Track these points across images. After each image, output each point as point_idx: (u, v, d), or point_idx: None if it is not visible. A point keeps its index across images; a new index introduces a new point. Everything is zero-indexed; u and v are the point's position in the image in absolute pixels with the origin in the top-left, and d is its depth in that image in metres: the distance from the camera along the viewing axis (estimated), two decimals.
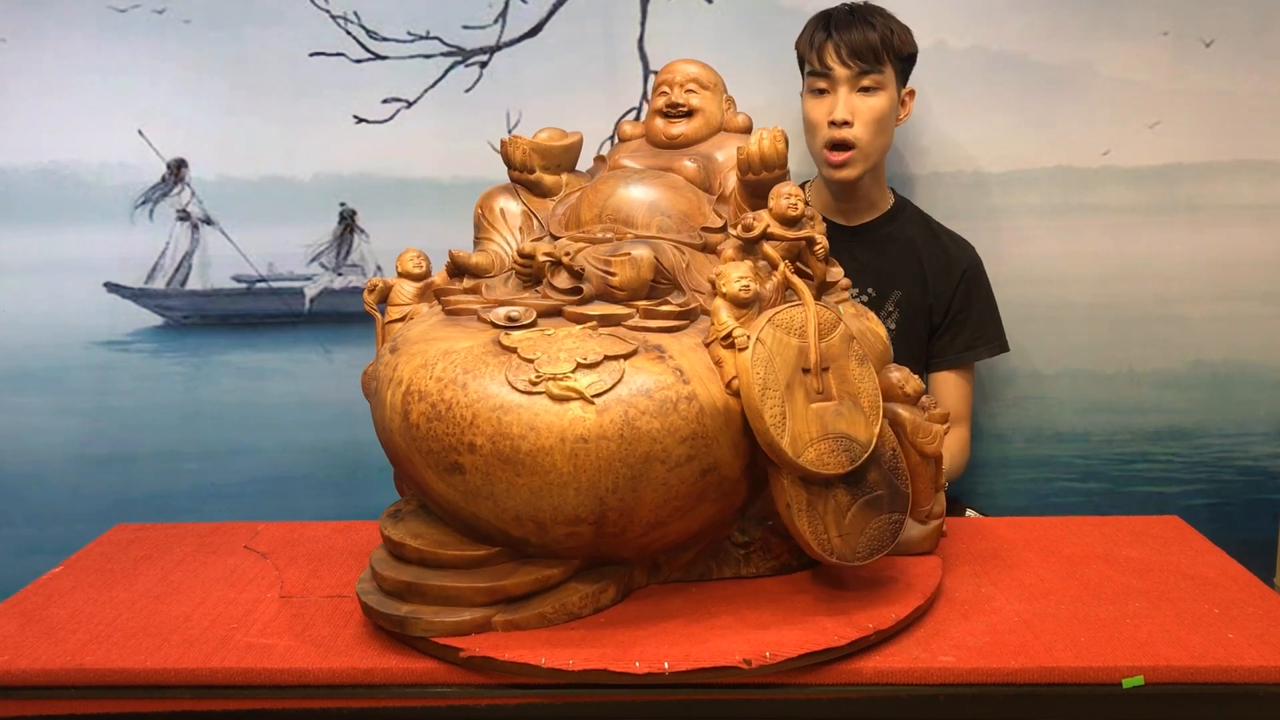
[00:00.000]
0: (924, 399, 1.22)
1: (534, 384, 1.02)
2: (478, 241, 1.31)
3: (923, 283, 1.74)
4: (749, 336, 1.05)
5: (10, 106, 1.87)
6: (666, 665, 1.02)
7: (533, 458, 1.02)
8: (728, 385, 1.05)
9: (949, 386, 1.77)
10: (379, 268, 1.93)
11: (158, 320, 1.95)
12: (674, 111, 1.29)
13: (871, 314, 1.27)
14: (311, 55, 1.86)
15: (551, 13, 1.85)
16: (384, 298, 1.31)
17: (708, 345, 1.08)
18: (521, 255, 1.19)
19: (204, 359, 1.96)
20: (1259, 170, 1.88)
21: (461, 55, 1.86)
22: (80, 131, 1.88)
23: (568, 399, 1.02)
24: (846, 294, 1.25)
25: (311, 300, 1.95)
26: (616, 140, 1.40)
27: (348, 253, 1.93)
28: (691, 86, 1.29)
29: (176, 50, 1.85)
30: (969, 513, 1.78)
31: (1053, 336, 1.94)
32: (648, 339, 1.09)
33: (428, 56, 1.86)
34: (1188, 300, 1.92)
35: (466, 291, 1.23)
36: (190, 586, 1.28)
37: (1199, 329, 1.93)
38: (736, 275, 1.08)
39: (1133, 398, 1.95)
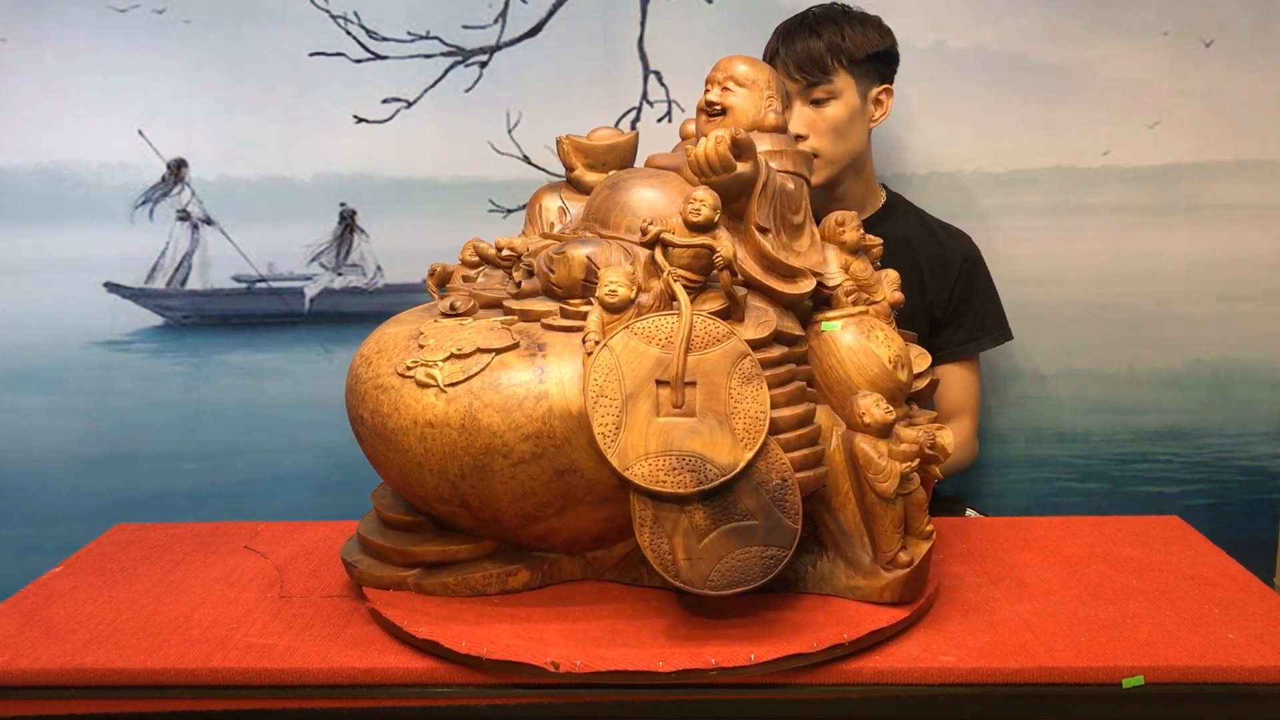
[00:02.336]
0: (906, 429, 1.12)
1: (409, 369, 1.09)
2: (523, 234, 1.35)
3: (920, 280, 1.73)
4: (596, 341, 1.05)
5: (10, 106, 1.87)
6: (486, 651, 1.05)
7: (395, 436, 1.10)
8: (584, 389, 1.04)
9: (954, 379, 1.76)
10: (379, 267, 1.93)
11: (158, 320, 1.95)
12: (709, 110, 1.27)
13: (883, 334, 1.17)
14: (311, 55, 1.86)
15: (551, 13, 1.85)
16: (444, 282, 1.34)
17: None
18: (495, 249, 1.24)
19: (204, 359, 1.96)
20: (1259, 170, 1.88)
21: (461, 55, 1.86)
22: (80, 131, 1.88)
23: (428, 385, 1.07)
24: (858, 309, 1.19)
25: (311, 300, 1.95)
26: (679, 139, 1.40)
27: (348, 253, 1.93)
28: (729, 84, 1.25)
29: (176, 50, 1.85)
30: (969, 513, 1.77)
31: (1053, 336, 1.94)
32: (541, 336, 1.10)
33: (428, 56, 1.86)
34: (1188, 300, 1.92)
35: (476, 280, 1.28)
36: (190, 586, 1.28)
37: (1199, 329, 1.93)
38: (607, 279, 1.07)
39: (1133, 398, 1.96)
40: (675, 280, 1.06)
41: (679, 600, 1.14)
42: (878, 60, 1.68)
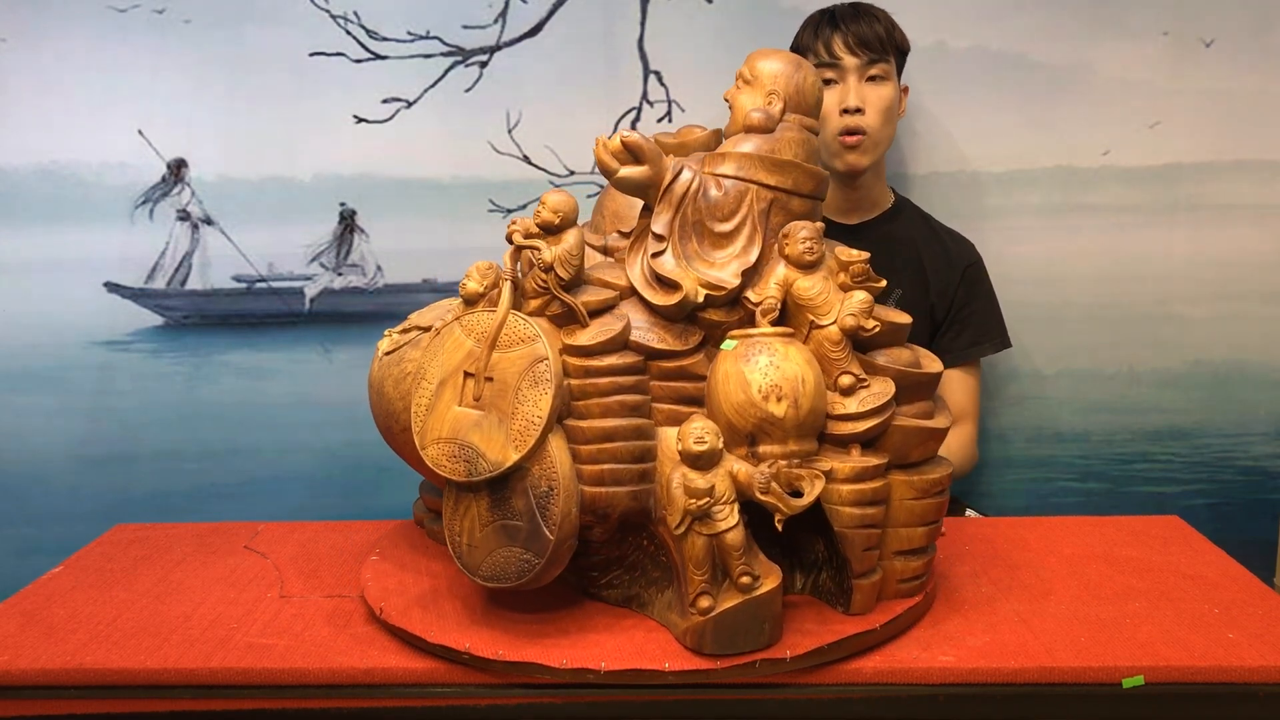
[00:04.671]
0: (744, 467, 1.02)
1: (385, 335, 1.27)
2: None
3: (923, 281, 1.74)
4: (435, 329, 1.14)
5: (10, 106, 1.87)
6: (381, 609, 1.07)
7: (368, 387, 1.28)
8: None
9: (955, 384, 1.76)
10: (379, 267, 1.93)
11: (158, 320, 1.95)
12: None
13: (770, 360, 1.05)
14: (311, 55, 1.86)
15: (551, 13, 1.85)
16: None
17: None
18: None
19: (204, 359, 1.96)
20: (1259, 170, 1.88)
21: (461, 55, 1.86)
22: (80, 131, 1.88)
23: (379, 351, 1.26)
24: (774, 330, 1.09)
25: (311, 300, 1.95)
26: None
27: (348, 253, 1.93)
28: (740, 81, 1.21)
29: (176, 50, 1.85)
30: (969, 513, 1.77)
31: (1053, 336, 1.93)
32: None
33: (428, 56, 1.86)
34: (1188, 300, 1.92)
35: None
36: (190, 586, 1.28)
37: (1199, 329, 1.93)
38: (467, 272, 1.14)
39: (1133, 398, 1.95)
40: (506, 278, 1.10)
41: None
42: (905, 57, 1.73)
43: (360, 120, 1.88)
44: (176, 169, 1.90)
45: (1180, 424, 1.96)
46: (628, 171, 1.10)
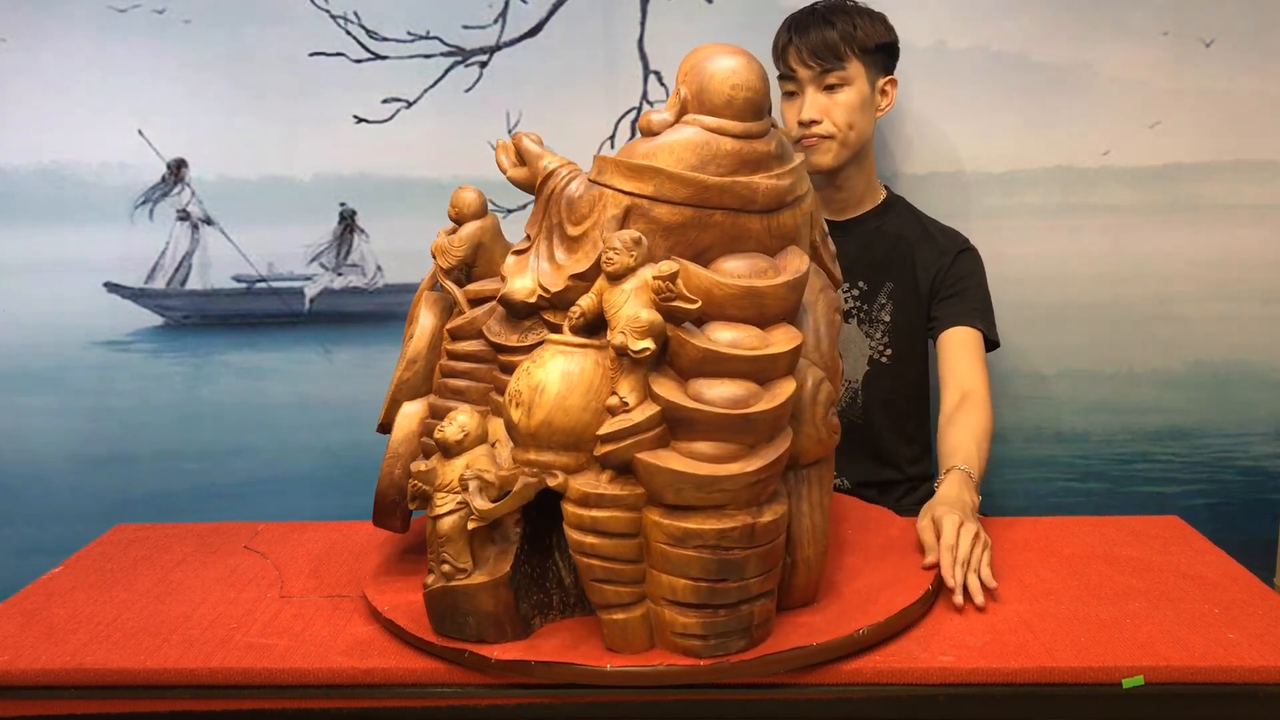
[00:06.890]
0: (468, 459, 1.05)
1: None
2: None
3: (914, 273, 1.73)
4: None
5: (10, 106, 1.87)
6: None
7: None
8: None
9: (958, 342, 1.68)
10: (379, 267, 1.93)
11: (158, 320, 1.95)
12: None
13: (532, 366, 1.04)
14: (311, 55, 1.86)
15: (551, 13, 1.85)
16: None
17: None
18: None
19: (204, 359, 1.96)
20: (1259, 170, 1.88)
21: (461, 55, 1.86)
22: (80, 131, 1.88)
23: None
24: (570, 340, 1.05)
25: (311, 300, 1.95)
26: None
27: (348, 253, 1.93)
28: None
29: (176, 50, 1.85)
30: None
31: (1053, 336, 1.93)
32: None
33: (428, 56, 1.86)
34: (1188, 300, 1.92)
35: None
36: (190, 586, 1.28)
37: (1199, 329, 1.93)
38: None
39: (1133, 398, 1.95)
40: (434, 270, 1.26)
41: None
42: (884, 52, 1.70)
43: (360, 120, 1.88)
44: (176, 169, 1.90)
45: (1180, 424, 1.96)
46: (513, 173, 1.20)
